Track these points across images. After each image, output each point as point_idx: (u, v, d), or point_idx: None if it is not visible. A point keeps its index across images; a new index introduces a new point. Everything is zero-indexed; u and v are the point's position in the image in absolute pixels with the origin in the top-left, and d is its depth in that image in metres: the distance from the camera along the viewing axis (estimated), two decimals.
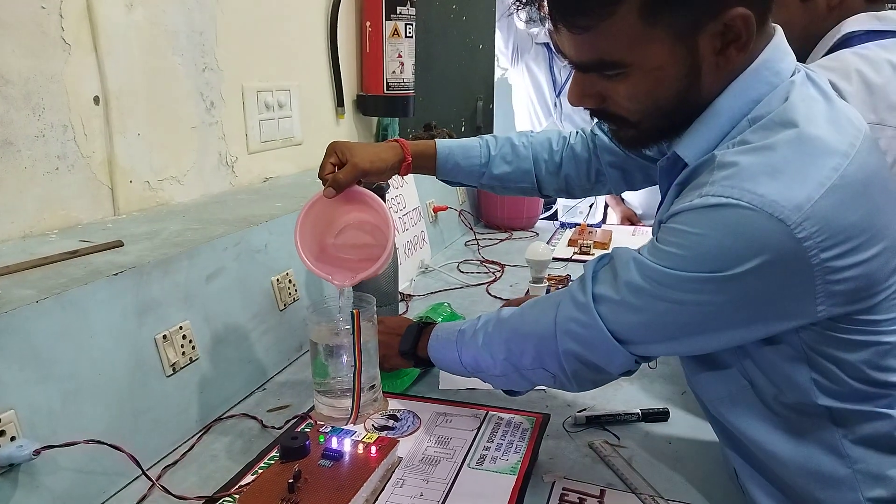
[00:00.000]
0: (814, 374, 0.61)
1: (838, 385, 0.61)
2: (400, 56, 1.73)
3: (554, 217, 2.00)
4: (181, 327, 0.87)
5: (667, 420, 0.90)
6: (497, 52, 2.54)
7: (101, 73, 1.02)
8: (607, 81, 0.64)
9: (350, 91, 1.73)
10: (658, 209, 0.71)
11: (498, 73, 2.63)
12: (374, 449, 0.73)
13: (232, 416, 0.91)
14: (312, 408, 0.90)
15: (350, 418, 0.83)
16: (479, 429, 0.84)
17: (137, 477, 0.76)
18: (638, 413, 0.89)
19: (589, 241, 1.69)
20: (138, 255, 0.86)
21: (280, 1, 1.42)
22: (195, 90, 1.22)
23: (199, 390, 0.89)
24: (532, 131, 1.03)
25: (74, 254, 0.84)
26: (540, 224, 1.96)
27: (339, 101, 1.68)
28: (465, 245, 1.77)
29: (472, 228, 1.84)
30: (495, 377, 0.80)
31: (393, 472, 0.75)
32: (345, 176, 0.85)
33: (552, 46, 2.51)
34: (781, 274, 0.56)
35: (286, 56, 1.46)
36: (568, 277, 1.51)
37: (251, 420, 0.90)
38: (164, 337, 0.84)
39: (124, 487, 0.76)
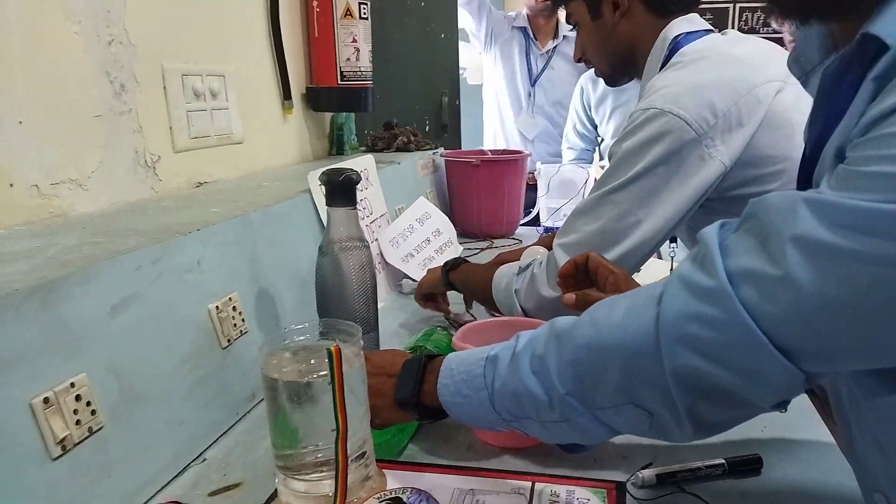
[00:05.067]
0: None
1: None
2: (355, 40, 1.48)
3: (536, 222, 1.78)
4: (72, 384, 0.59)
5: (760, 472, 0.66)
6: (470, 34, 2.34)
7: None
8: None
9: (298, 83, 1.47)
10: (823, 131, 0.48)
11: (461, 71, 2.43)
12: None
13: None
14: (274, 494, 0.62)
15: None
16: None
17: None
18: (723, 464, 0.66)
19: None
20: (2, 282, 0.58)
21: None
22: (98, 68, 0.94)
23: (105, 473, 0.61)
24: None
25: None
26: (521, 230, 1.73)
27: (286, 94, 1.42)
28: None
29: None
30: (549, 425, 0.55)
31: None
32: None
33: (531, 32, 2.32)
34: None
35: (218, 34, 1.20)
36: None
37: None
38: (46, 400, 0.56)
39: None
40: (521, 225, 1.76)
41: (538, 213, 1.77)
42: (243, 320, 0.84)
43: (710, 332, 0.44)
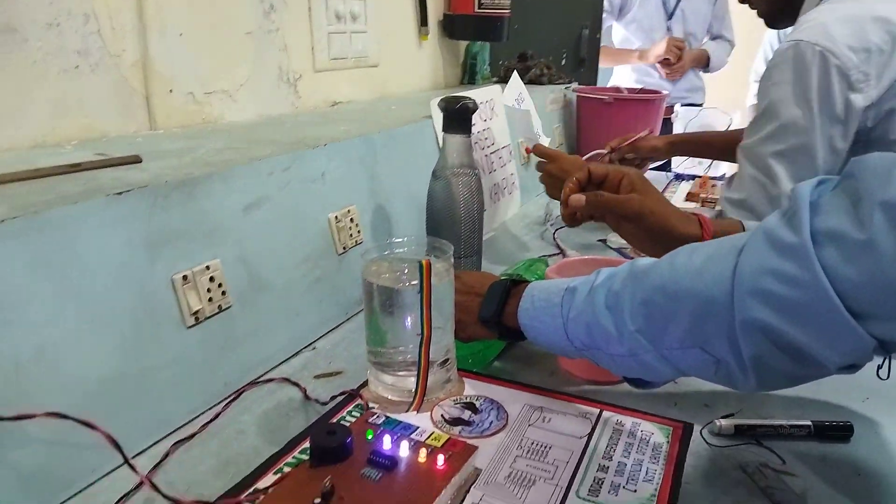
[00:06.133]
0: None
1: None
2: None
3: (667, 167, 1.71)
4: (208, 267, 0.68)
5: (849, 440, 0.64)
6: None
7: None
8: None
9: (435, 10, 1.49)
10: None
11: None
12: (442, 458, 0.52)
13: (270, 381, 0.73)
14: (365, 383, 0.70)
15: (413, 404, 0.62)
16: (589, 436, 0.61)
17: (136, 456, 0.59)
18: (809, 426, 0.64)
19: (714, 196, 1.41)
20: (157, 173, 0.67)
21: None
22: None
23: (230, 346, 0.71)
24: None
25: (76, 167, 0.66)
26: (650, 174, 1.67)
27: (423, 20, 1.45)
28: None
29: None
30: (617, 358, 0.57)
31: (467, 491, 0.53)
32: None
33: None
34: None
35: None
36: None
37: (293, 388, 0.72)
38: (185, 278, 0.66)
39: (114, 470, 0.58)
40: (651, 169, 1.69)
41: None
42: (359, 232, 0.91)
43: (785, 289, 0.44)
